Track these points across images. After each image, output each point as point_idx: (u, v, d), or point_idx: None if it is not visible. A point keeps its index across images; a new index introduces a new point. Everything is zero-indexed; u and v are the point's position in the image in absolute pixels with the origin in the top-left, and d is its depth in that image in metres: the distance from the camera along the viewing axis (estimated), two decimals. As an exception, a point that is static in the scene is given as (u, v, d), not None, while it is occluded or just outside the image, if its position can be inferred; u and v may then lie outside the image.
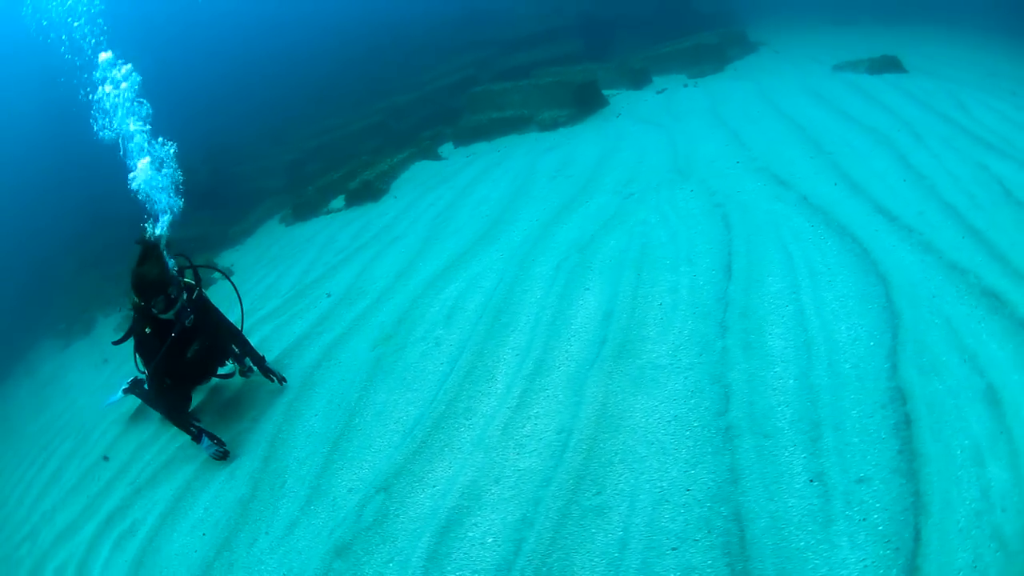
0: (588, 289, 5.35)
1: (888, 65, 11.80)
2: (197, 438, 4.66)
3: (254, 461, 4.58)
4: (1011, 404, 3.63)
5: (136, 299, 4.50)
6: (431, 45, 18.75)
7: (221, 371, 5.40)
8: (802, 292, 4.84)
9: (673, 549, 3.11)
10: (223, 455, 4.66)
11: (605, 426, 3.82)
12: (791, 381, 3.99)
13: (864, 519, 3.14)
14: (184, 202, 5.64)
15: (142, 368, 4.94)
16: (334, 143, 14.49)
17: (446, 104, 14.44)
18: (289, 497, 4.21)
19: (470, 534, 3.40)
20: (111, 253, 12.21)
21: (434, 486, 3.80)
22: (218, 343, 5.05)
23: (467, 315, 5.41)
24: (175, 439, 5.17)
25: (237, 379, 5.50)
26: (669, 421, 3.83)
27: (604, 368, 4.25)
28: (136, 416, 5.82)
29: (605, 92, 12.91)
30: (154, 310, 4.47)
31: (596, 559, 3.12)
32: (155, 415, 5.47)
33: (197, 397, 5.37)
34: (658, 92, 12.89)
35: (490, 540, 3.32)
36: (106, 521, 4.78)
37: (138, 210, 5.06)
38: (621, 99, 12.64)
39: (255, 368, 5.24)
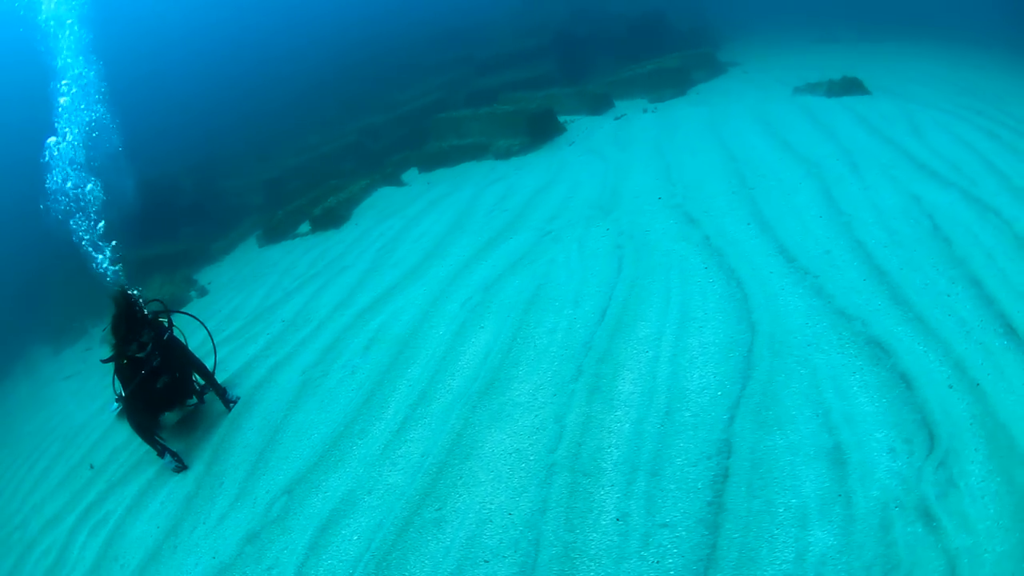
0: (483, 327, 6.05)
1: (850, 87, 12.07)
2: (161, 454, 5.76)
3: (200, 465, 5.66)
4: (859, 465, 3.68)
5: (115, 340, 5.62)
6: (409, 63, 19.48)
7: (189, 402, 6.42)
8: (665, 339, 5.14)
9: (485, 561, 3.73)
10: (181, 469, 5.74)
11: (456, 453, 4.55)
12: (627, 426, 4.37)
13: (658, 562, 3.42)
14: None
15: (118, 390, 6.05)
16: (313, 162, 15.49)
17: (419, 125, 15.24)
18: (223, 495, 5.24)
19: (343, 532, 4.37)
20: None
21: (325, 492, 4.80)
22: (185, 377, 6.11)
23: (382, 346, 6.34)
24: (143, 444, 6.27)
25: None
26: (511, 453, 4.44)
27: (470, 402, 4.98)
28: (114, 424, 6.95)
29: (565, 118, 13.64)
30: (128, 352, 5.59)
31: (424, 561, 3.87)
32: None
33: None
34: (616, 118, 13.51)
35: (355, 538, 4.29)
36: (85, 512, 5.87)
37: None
38: (578, 126, 13.34)
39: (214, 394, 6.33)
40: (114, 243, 7.04)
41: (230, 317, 8.65)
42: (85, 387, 9.02)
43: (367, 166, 14.41)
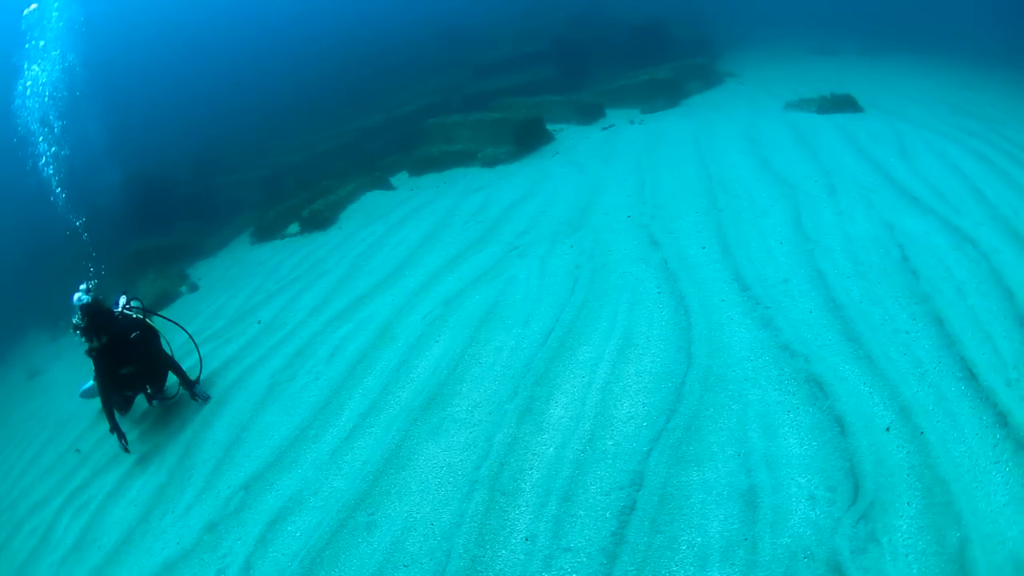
0: (437, 342, 6.29)
1: (842, 104, 12.01)
2: (112, 431, 6.43)
3: (173, 458, 6.24)
4: (771, 510, 3.67)
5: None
6: (408, 63, 19.73)
7: (169, 395, 7.03)
8: (602, 365, 5.24)
9: (404, 566, 4.07)
10: (125, 450, 6.43)
11: (394, 463, 4.89)
12: (551, 449, 4.55)
13: (557, 584, 3.63)
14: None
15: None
16: (308, 161, 15.87)
17: (413, 127, 15.45)
18: (192, 487, 5.78)
19: (288, 528, 4.85)
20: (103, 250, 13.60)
21: (277, 490, 5.30)
22: (152, 371, 6.72)
23: (344, 355, 6.76)
24: (129, 432, 6.82)
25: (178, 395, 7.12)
26: (442, 467, 4.73)
27: (412, 415, 5.32)
28: (100, 414, 7.53)
29: (555, 126, 13.79)
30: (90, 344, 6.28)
31: (352, 561, 4.25)
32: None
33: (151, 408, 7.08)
34: (604, 128, 13.60)
35: (298, 534, 4.78)
36: (69, 497, 6.46)
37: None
38: (566, 135, 13.49)
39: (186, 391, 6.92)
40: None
41: (215, 315, 9.21)
42: (76, 376, 9.45)
43: (360, 167, 14.73)
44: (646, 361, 5.19)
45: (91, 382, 7.53)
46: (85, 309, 6.19)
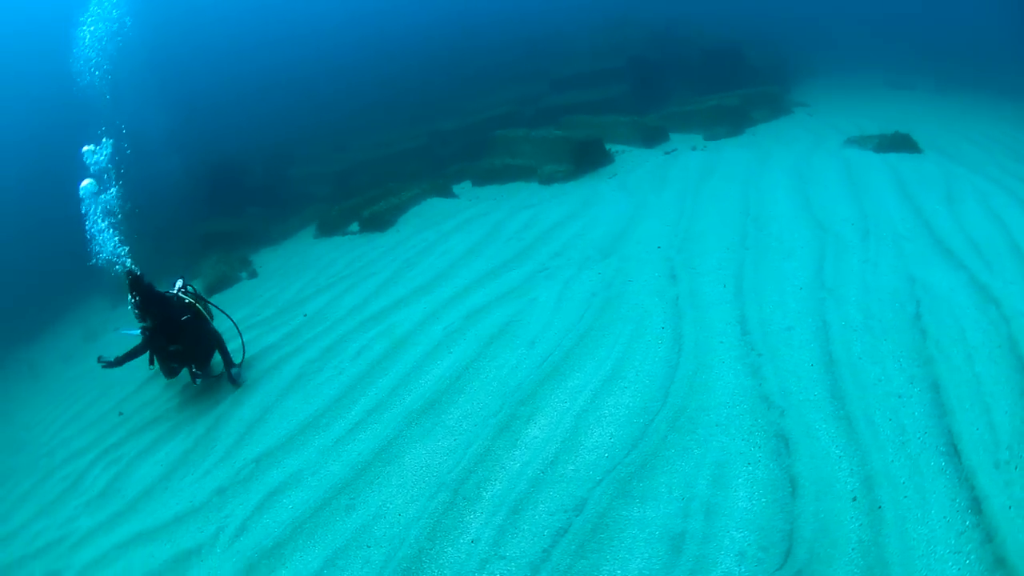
0: (451, 353, 6.63)
1: (899, 143, 11.92)
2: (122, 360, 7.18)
3: (202, 429, 7.00)
4: (695, 559, 3.76)
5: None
6: (487, 70, 20.12)
7: (213, 373, 7.79)
8: (585, 393, 5.47)
9: (368, 547, 4.59)
10: (100, 361, 7.14)
11: (382, 458, 5.42)
12: (518, 465, 4.87)
13: (494, 585, 3.99)
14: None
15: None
16: (381, 160, 16.46)
17: (484, 136, 15.80)
18: (213, 455, 6.52)
19: (283, 500, 5.47)
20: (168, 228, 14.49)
21: (283, 467, 5.93)
22: (197, 352, 7.51)
23: (368, 355, 7.30)
24: (169, 401, 7.75)
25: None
26: (423, 468, 5.19)
27: (410, 417, 5.80)
28: (148, 380, 8.37)
29: (618, 147, 14.01)
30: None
31: (327, 534, 4.86)
32: (161, 381, 8.07)
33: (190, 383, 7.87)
34: (666, 153, 13.69)
35: (289, 506, 5.43)
36: (104, 451, 7.32)
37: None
38: (626, 158, 13.68)
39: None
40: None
41: (267, 303, 10.03)
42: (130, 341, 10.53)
43: (429, 171, 15.29)
44: (627, 395, 5.37)
45: (137, 330, 8.42)
46: (135, 289, 7.02)
